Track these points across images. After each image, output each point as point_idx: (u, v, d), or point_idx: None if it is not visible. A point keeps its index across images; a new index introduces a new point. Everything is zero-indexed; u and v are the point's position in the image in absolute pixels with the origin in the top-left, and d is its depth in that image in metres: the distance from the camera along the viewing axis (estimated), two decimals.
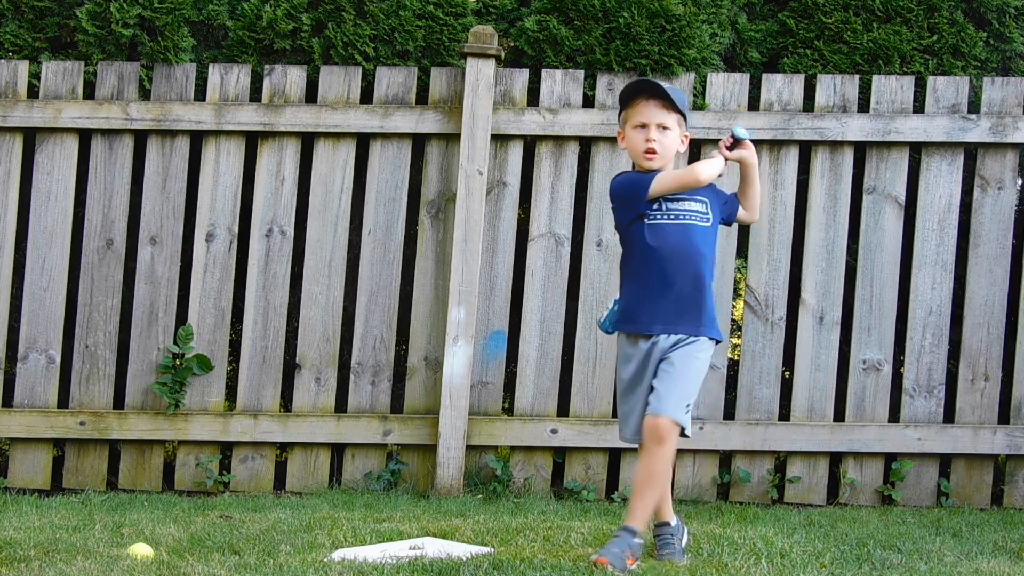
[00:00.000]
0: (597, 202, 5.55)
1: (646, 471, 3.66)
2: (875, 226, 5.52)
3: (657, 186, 3.74)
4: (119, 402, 5.59)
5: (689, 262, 3.72)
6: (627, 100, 3.81)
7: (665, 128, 3.77)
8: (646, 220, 3.75)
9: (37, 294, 5.57)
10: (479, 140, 5.49)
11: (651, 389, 3.69)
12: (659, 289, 3.72)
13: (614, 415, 5.51)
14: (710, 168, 3.75)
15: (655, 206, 3.75)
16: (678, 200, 3.76)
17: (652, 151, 3.76)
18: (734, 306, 5.76)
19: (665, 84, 3.80)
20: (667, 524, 3.85)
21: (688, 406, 3.67)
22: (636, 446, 3.81)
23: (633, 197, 3.78)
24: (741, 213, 3.94)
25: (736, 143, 3.82)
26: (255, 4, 5.69)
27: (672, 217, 3.75)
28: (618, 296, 3.87)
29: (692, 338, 3.71)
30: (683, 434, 3.68)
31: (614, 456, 5.52)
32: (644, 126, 3.77)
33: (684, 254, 3.72)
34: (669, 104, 3.77)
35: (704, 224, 3.76)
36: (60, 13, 5.73)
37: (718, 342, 3.78)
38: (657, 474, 3.66)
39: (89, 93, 5.63)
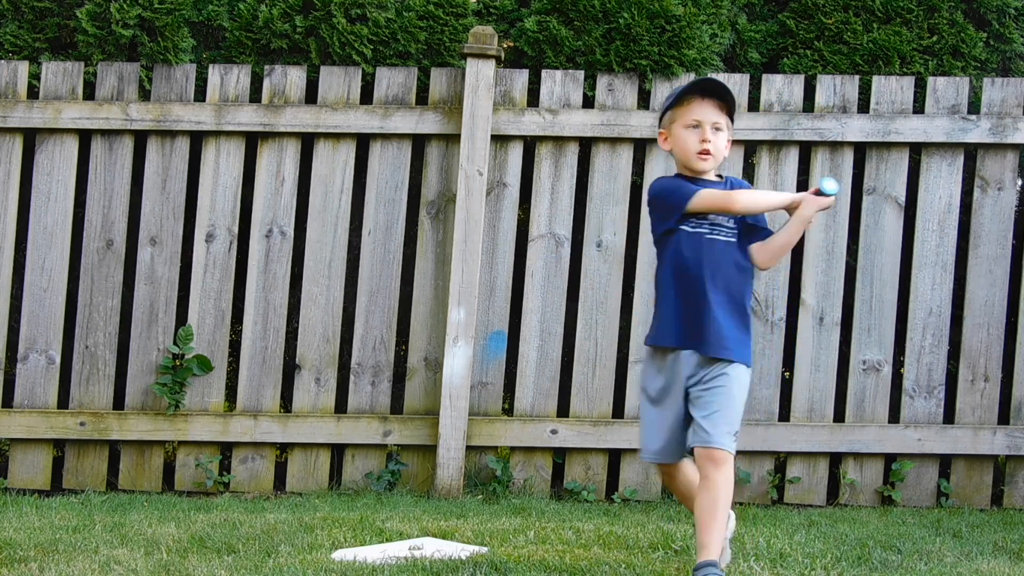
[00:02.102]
0: (597, 203, 5.55)
1: (710, 500, 3.45)
2: (875, 227, 5.52)
3: (698, 202, 3.51)
4: (119, 402, 5.59)
5: (722, 277, 3.54)
6: (679, 98, 3.60)
7: (718, 129, 3.58)
8: (684, 229, 3.55)
9: (37, 294, 5.57)
10: (479, 140, 5.49)
11: (691, 417, 3.53)
12: (688, 303, 3.54)
13: (614, 416, 5.51)
14: (754, 202, 3.55)
15: (694, 217, 3.55)
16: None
17: (707, 152, 3.55)
18: None
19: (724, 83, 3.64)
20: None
21: (736, 433, 3.53)
22: (655, 462, 3.68)
23: (673, 207, 3.56)
24: (755, 251, 3.63)
25: (819, 195, 3.54)
26: (251, 4, 5.69)
27: (710, 230, 3.56)
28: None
29: (726, 364, 3.53)
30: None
31: (614, 457, 5.52)
32: (698, 125, 3.56)
33: (719, 268, 3.54)
34: (723, 105, 3.58)
35: (734, 240, 3.58)
36: (60, 13, 5.73)
37: (748, 367, 3.58)
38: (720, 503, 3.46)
39: (89, 93, 5.63)
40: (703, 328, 3.52)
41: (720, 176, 3.66)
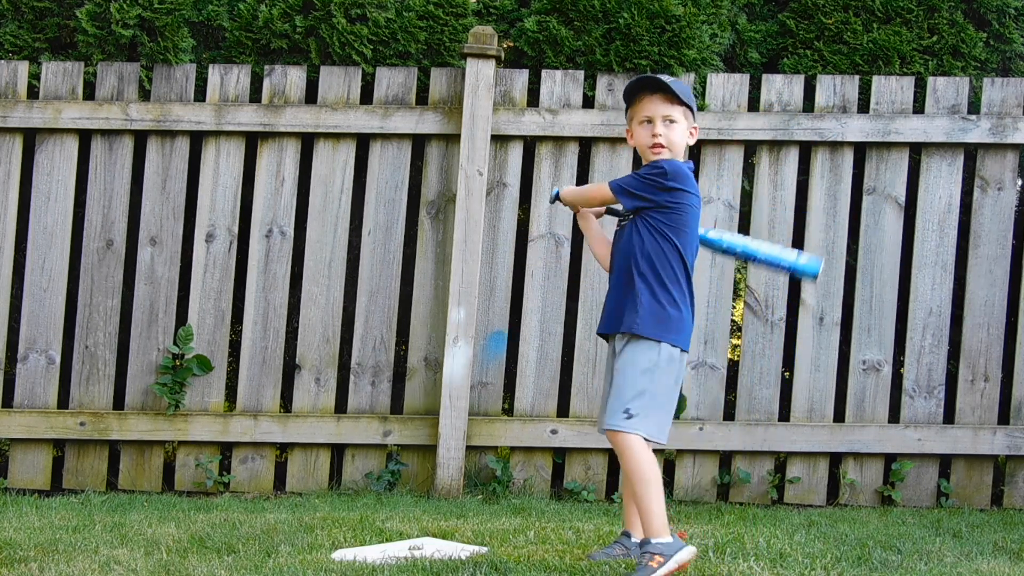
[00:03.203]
0: None
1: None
2: (875, 227, 5.52)
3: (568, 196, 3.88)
4: (119, 402, 5.59)
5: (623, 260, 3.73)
6: (631, 97, 3.78)
7: (672, 121, 3.71)
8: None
9: (37, 294, 5.58)
10: (479, 140, 5.49)
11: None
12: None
13: None
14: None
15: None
16: None
17: (659, 145, 3.70)
18: (734, 307, 5.77)
19: (667, 78, 3.75)
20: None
21: (627, 411, 3.59)
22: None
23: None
24: None
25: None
26: (251, 4, 5.69)
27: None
28: None
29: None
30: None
31: (614, 457, 5.52)
32: (650, 121, 3.71)
33: (622, 253, 3.74)
34: (672, 97, 3.71)
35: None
36: (60, 13, 5.73)
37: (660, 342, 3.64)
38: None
39: (89, 94, 5.63)
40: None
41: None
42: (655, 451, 3.70)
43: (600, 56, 5.59)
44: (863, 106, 5.57)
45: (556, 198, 3.89)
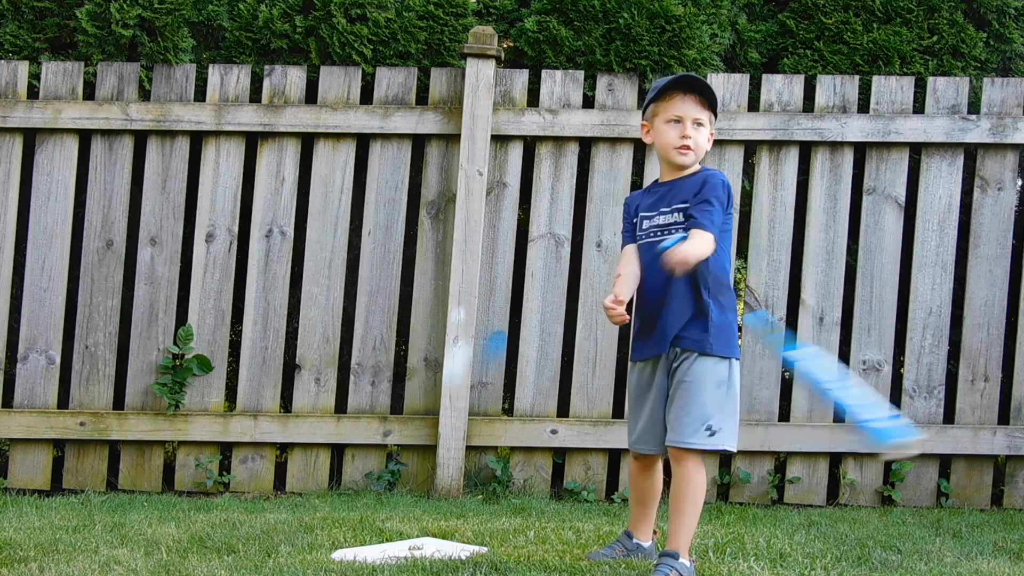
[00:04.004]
0: (597, 203, 5.55)
1: None
2: (875, 226, 5.52)
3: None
4: (119, 402, 5.59)
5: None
6: (661, 93, 3.66)
7: (700, 124, 3.64)
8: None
9: (37, 294, 5.57)
10: (479, 141, 5.49)
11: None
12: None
13: (614, 416, 5.51)
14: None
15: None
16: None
17: (687, 147, 3.62)
18: None
19: (703, 80, 3.67)
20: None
21: (709, 427, 3.58)
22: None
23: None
24: None
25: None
26: (251, 4, 5.69)
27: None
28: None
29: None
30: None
31: (614, 457, 5.52)
32: (679, 120, 3.63)
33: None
34: (705, 101, 3.64)
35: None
36: (60, 13, 5.73)
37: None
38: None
39: (89, 94, 5.63)
40: None
41: (698, 169, 3.70)
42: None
43: (600, 56, 5.58)
44: (863, 106, 5.57)
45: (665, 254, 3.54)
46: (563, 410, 5.55)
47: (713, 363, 3.56)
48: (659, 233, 3.63)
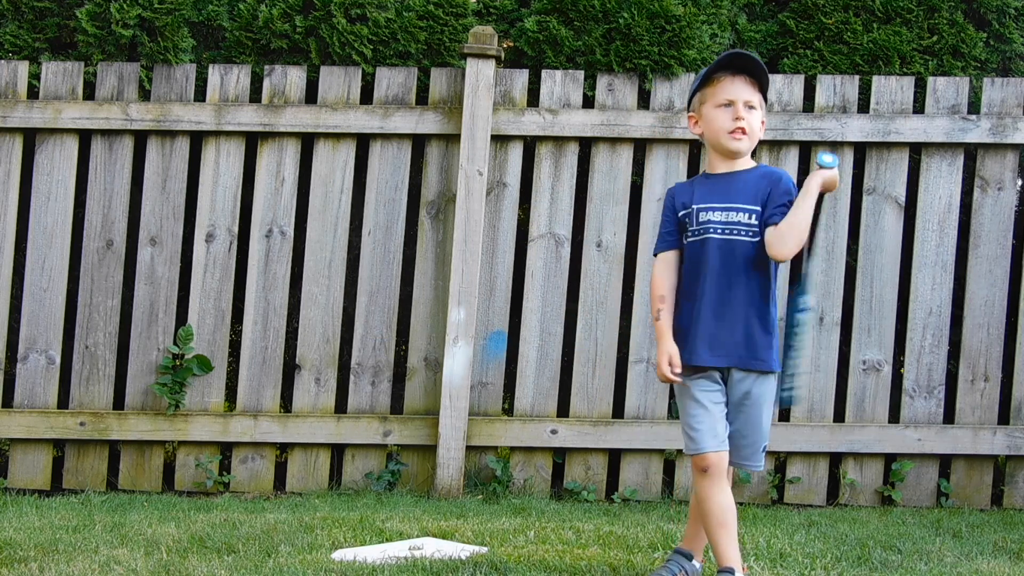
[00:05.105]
0: (597, 203, 5.55)
1: None
2: (875, 226, 5.52)
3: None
4: (119, 402, 5.59)
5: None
6: (707, 78, 3.42)
7: (752, 107, 3.39)
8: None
9: (37, 294, 5.57)
10: (479, 140, 5.49)
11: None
12: None
13: (614, 416, 5.51)
14: (793, 229, 3.32)
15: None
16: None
17: (741, 130, 3.37)
18: None
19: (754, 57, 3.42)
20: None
21: (765, 447, 3.47)
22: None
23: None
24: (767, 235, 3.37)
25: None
26: (251, 4, 5.69)
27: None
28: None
29: None
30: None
31: (614, 457, 5.52)
32: (730, 104, 3.38)
33: (731, 271, 3.39)
34: (755, 82, 3.39)
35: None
36: (60, 13, 5.73)
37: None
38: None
39: (89, 94, 5.63)
40: None
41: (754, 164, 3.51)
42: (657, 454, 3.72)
43: (600, 56, 5.59)
44: (863, 106, 5.57)
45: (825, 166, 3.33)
46: (563, 410, 5.55)
47: (773, 381, 3.39)
48: (725, 231, 3.36)
